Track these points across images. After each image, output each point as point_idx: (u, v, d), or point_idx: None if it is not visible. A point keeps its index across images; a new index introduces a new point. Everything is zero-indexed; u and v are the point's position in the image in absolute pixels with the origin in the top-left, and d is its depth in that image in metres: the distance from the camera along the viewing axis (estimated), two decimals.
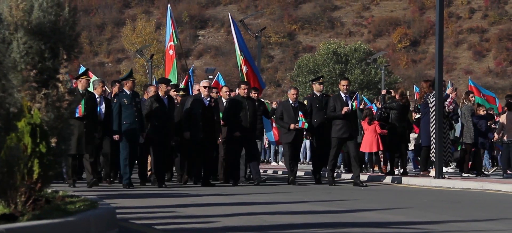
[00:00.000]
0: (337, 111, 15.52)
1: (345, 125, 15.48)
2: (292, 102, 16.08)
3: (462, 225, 8.62)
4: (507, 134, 17.85)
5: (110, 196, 11.75)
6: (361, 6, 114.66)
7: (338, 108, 15.53)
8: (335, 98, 15.90)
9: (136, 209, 10.03)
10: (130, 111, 14.77)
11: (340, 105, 15.52)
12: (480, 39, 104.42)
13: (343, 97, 15.71)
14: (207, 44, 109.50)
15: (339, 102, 15.61)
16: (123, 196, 12.32)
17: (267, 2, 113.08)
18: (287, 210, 10.18)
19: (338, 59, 75.18)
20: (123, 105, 14.77)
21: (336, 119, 15.54)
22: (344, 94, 15.76)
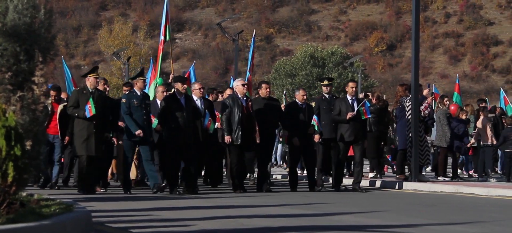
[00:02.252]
0: (342, 115, 15.00)
1: (351, 128, 14.92)
2: (300, 104, 15.22)
3: (437, 228, 8.67)
4: (482, 139, 17.97)
5: (86, 199, 11.68)
6: (338, 10, 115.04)
7: (343, 111, 15.00)
8: (340, 101, 15.34)
9: (112, 212, 9.98)
10: (139, 113, 13.86)
11: (345, 109, 14.98)
12: (455, 44, 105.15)
13: (349, 100, 15.16)
14: (184, 47, 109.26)
15: (344, 105, 15.06)
16: (99, 199, 12.26)
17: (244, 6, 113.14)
18: (264, 214, 10.18)
19: (315, 63, 75.34)
20: (132, 107, 13.83)
21: (341, 123, 15.05)
22: (351, 98, 15.20)
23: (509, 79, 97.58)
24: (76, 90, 14.20)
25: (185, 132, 13.68)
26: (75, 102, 13.50)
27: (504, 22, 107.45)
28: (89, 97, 13.31)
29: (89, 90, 13.49)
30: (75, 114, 13.50)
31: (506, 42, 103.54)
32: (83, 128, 13.38)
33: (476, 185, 15.28)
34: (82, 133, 13.40)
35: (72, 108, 13.55)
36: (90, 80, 13.58)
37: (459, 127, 17.96)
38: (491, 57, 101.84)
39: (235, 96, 14.50)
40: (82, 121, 13.39)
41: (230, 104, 14.31)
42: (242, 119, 14.19)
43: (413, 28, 16.62)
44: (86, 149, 13.33)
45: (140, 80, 14.13)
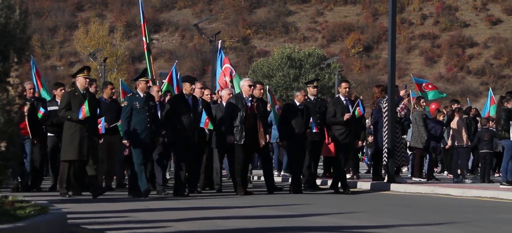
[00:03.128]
0: (337, 117, 14.61)
1: (347, 130, 14.59)
2: (299, 105, 14.81)
3: (412, 229, 8.71)
4: (456, 140, 18.09)
5: (62, 201, 11.62)
6: (315, 12, 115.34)
7: (338, 113, 14.60)
8: (335, 103, 14.91)
9: (87, 214, 9.92)
10: (143, 116, 13.09)
11: (340, 110, 14.60)
12: (431, 45, 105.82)
13: (343, 101, 14.80)
14: (161, 48, 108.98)
15: (340, 106, 14.67)
16: (75, 201, 12.19)
17: (221, 7, 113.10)
18: (241, 215, 10.18)
19: (292, 64, 75.52)
20: (134, 109, 13.10)
21: (337, 125, 14.70)
22: (344, 98, 14.85)
23: (484, 80, 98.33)
24: (68, 92, 13.42)
25: (191, 134, 13.34)
26: (67, 105, 12.81)
27: (479, 24, 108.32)
28: (81, 99, 12.68)
29: (81, 92, 12.90)
30: (67, 117, 12.79)
31: (482, 44, 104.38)
32: (76, 131, 12.71)
33: (452, 186, 15.38)
34: (74, 136, 12.72)
35: (64, 110, 12.83)
36: (79, 80, 12.96)
37: (436, 128, 18.06)
38: (467, 58, 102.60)
39: (240, 96, 14.15)
40: (74, 124, 12.71)
41: (234, 104, 14.01)
42: (245, 119, 13.86)
43: (389, 30, 16.68)
44: (79, 153, 12.69)
45: (142, 81, 13.38)
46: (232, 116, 13.88)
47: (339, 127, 14.60)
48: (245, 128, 13.83)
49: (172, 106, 13.47)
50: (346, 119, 14.45)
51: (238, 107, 13.89)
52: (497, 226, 9.10)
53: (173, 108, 13.39)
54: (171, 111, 13.39)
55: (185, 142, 13.29)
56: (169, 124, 13.44)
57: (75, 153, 12.68)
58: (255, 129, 13.95)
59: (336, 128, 14.67)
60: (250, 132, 13.89)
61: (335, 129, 14.69)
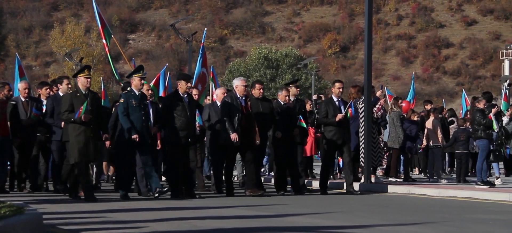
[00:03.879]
0: (329, 117, 14.45)
1: (339, 131, 14.44)
2: (283, 103, 14.63)
3: (388, 229, 8.74)
4: (432, 140, 18.19)
5: (38, 201, 11.53)
6: (292, 12, 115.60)
7: (330, 114, 14.44)
8: (327, 103, 14.72)
9: (63, 214, 9.86)
10: (138, 114, 12.74)
11: (332, 111, 14.44)
12: (407, 46, 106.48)
13: (335, 101, 14.61)
14: (138, 48, 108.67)
15: (332, 107, 14.51)
16: (52, 201, 12.11)
17: (198, 7, 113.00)
18: (217, 215, 10.16)
19: (269, 64, 75.58)
20: (130, 107, 12.72)
21: (328, 125, 14.52)
22: (337, 99, 14.66)
23: (460, 81, 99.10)
24: (70, 93, 12.79)
25: (188, 133, 13.07)
26: (70, 107, 12.33)
27: (454, 25, 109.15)
28: (83, 99, 12.24)
29: (82, 92, 12.43)
30: (71, 119, 12.29)
31: (457, 45, 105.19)
32: (80, 133, 12.27)
33: (428, 186, 15.45)
34: (79, 138, 12.27)
35: (67, 113, 12.34)
36: (81, 80, 12.48)
37: (411, 128, 18.15)
38: (443, 59, 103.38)
39: (234, 96, 13.84)
40: (78, 126, 12.26)
41: (231, 103, 13.73)
42: (241, 119, 13.65)
43: (366, 30, 16.73)
44: (85, 155, 12.28)
45: (136, 78, 12.94)
46: (231, 115, 13.61)
47: (330, 128, 14.47)
48: (241, 129, 13.60)
49: (168, 105, 13.13)
50: (338, 120, 14.29)
51: (235, 106, 13.66)
52: (472, 226, 9.16)
53: (169, 108, 13.08)
54: (167, 111, 13.08)
55: (182, 141, 13.00)
56: (165, 123, 13.13)
57: (81, 155, 12.25)
58: (250, 128, 13.71)
59: (328, 129, 14.54)
60: (245, 132, 13.66)
61: (327, 130, 14.56)
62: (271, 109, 14.45)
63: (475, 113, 15.82)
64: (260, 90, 14.34)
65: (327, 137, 14.59)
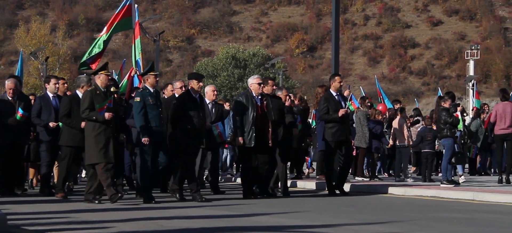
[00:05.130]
0: (330, 113, 13.80)
1: (341, 127, 13.83)
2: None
3: (355, 228, 8.79)
4: (398, 139, 18.30)
5: (2, 202, 11.41)
6: (260, 12, 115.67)
7: (331, 109, 13.80)
8: (327, 99, 14.01)
9: (29, 215, 9.76)
10: (156, 112, 12.20)
11: (333, 106, 13.79)
12: (374, 46, 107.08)
13: (335, 96, 13.98)
14: None
15: (332, 102, 13.86)
16: (17, 201, 11.98)
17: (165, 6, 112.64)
18: (185, 215, 10.13)
19: (236, 64, 75.57)
20: (148, 105, 12.16)
21: (330, 122, 13.89)
22: (336, 93, 14.03)
23: (426, 81, 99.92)
24: (89, 91, 12.24)
25: (200, 134, 12.56)
26: (90, 105, 11.88)
27: (421, 25, 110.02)
28: (103, 97, 11.87)
29: (102, 90, 12.02)
30: (93, 117, 11.85)
31: (423, 45, 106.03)
32: (100, 132, 11.83)
33: (394, 185, 15.55)
34: (99, 138, 11.82)
35: (88, 111, 11.88)
36: (101, 78, 12.08)
37: (376, 128, 18.26)
38: (409, 59, 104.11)
39: (250, 94, 13.09)
40: (98, 125, 11.83)
41: (244, 103, 13.02)
42: (256, 119, 12.92)
43: (333, 30, 16.82)
44: (105, 156, 11.79)
45: (151, 76, 12.45)
46: (242, 116, 12.94)
47: (332, 124, 13.88)
48: (256, 129, 12.90)
49: (180, 105, 12.61)
50: (340, 115, 13.71)
51: (247, 107, 12.96)
52: (437, 224, 9.25)
53: (181, 108, 12.55)
54: (179, 111, 12.54)
55: (195, 143, 12.51)
56: (178, 124, 12.57)
57: (101, 156, 11.78)
58: (265, 129, 13.02)
59: (329, 126, 13.95)
60: (260, 133, 12.96)
61: (328, 127, 13.98)
62: (281, 107, 13.79)
63: (441, 112, 15.94)
64: (273, 87, 13.73)
65: (329, 134, 13.96)
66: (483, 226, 9.12)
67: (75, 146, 12.78)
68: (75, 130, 12.71)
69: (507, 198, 12.65)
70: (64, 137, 12.97)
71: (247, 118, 12.88)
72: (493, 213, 10.81)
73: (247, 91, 13.25)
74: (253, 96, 13.04)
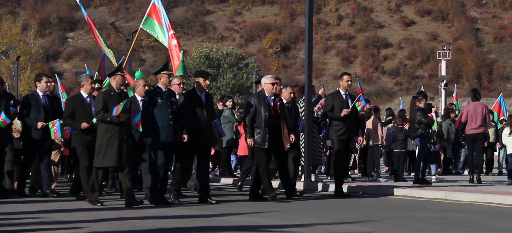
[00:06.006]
0: (335, 111, 13.65)
1: (346, 125, 13.62)
2: (286, 102, 13.71)
3: (328, 227, 8.83)
4: (372, 139, 18.39)
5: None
6: (233, 11, 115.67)
7: (336, 108, 13.66)
8: (333, 96, 13.86)
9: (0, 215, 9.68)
10: (164, 112, 11.84)
11: (339, 104, 13.64)
12: (347, 46, 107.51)
13: (342, 95, 13.77)
14: (77, 47, 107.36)
15: (338, 101, 13.68)
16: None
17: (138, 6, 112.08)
18: (159, 215, 10.09)
19: (210, 64, 75.49)
20: (156, 105, 11.83)
21: (334, 120, 13.72)
22: (344, 92, 13.80)
23: (399, 81, 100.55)
24: (103, 92, 11.86)
25: (205, 133, 12.23)
26: (104, 106, 11.47)
27: (393, 25, 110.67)
28: (118, 99, 11.46)
29: (116, 91, 11.64)
30: (107, 119, 11.43)
31: (396, 45, 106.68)
32: (114, 134, 11.42)
33: (367, 185, 15.62)
34: (112, 141, 11.41)
35: (102, 112, 11.47)
36: (117, 79, 11.69)
37: None
38: (382, 59, 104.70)
39: (262, 94, 12.67)
40: (111, 127, 11.42)
41: (255, 103, 12.58)
42: (268, 120, 12.46)
43: (306, 30, 16.83)
44: (117, 159, 11.39)
45: (164, 75, 12.11)
46: (253, 116, 12.53)
47: (336, 123, 13.70)
48: (269, 130, 12.47)
49: (185, 104, 12.22)
50: (343, 115, 13.51)
51: (259, 107, 12.55)
52: (409, 224, 9.32)
53: (186, 107, 12.18)
54: (184, 110, 12.17)
55: (199, 142, 12.13)
56: (182, 123, 12.14)
57: (114, 159, 11.39)
58: (278, 130, 12.58)
59: (333, 124, 13.80)
60: (273, 134, 12.51)
61: (333, 125, 13.81)
62: (290, 108, 13.51)
63: (416, 112, 16.04)
64: (280, 86, 13.30)
65: (335, 133, 13.75)
66: (454, 225, 9.21)
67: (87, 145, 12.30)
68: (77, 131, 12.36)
69: (478, 197, 12.78)
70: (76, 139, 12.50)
71: (260, 118, 12.49)
72: (464, 212, 10.91)
73: (260, 91, 12.85)
74: (266, 97, 12.64)
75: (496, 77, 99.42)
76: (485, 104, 17.50)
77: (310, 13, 16.63)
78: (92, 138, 12.09)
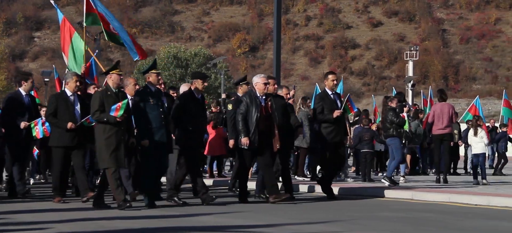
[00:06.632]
0: (325, 112, 13.20)
1: (336, 127, 13.21)
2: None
3: (296, 227, 8.85)
4: None
5: None
6: (201, 11, 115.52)
7: (326, 109, 13.20)
8: (322, 97, 13.43)
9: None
10: (156, 112, 11.51)
11: (328, 105, 13.20)
12: (315, 46, 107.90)
13: (330, 95, 13.35)
14: (43, 46, 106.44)
15: (328, 101, 13.25)
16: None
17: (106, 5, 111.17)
18: (126, 216, 10.02)
19: (178, 64, 75.31)
20: (147, 106, 11.49)
21: (325, 122, 13.28)
22: (331, 92, 13.39)
23: (366, 81, 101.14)
24: (99, 91, 11.58)
25: (201, 135, 12.09)
26: (101, 106, 11.13)
27: (361, 26, 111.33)
28: (115, 98, 11.15)
29: (113, 91, 11.30)
30: (104, 119, 11.07)
31: (363, 46, 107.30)
32: (111, 135, 11.08)
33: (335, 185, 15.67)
34: (110, 141, 11.06)
35: (98, 113, 11.12)
36: (113, 78, 11.34)
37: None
38: (349, 59, 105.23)
39: (253, 94, 12.40)
40: (109, 127, 11.08)
41: (247, 102, 12.31)
42: (259, 120, 12.20)
43: (275, 31, 16.88)
44: (116, 160, 11.06)
45: (153, 74, 11.74)
46: (245, 116, 12.22)
47: (327, 125, 13.26)
48: (259, 131, 12.17)
49: (181, 105, 11.99)
50: (335, 116, 13.12)
51: (251, 107, 12.27)
52: (377, 223, 9.37)
53: (183, 108, 11.94)
54: (181, 111, 11.92)
55: (196, 144, 11.98)
56: (178, 124, 11.92)
57: (112, 160, 11.05)
58: (269, 131, 12.30)
59: (324, 126, 13.34)
60: (263, 135, 12.25)
61: (323, 127, 13.35)
62: (285, 106, 13.22)
63: (388, 112, 16.13)
64: (274, 86, 13.02)
65: (325, 135, 13.34)
66: (420, 224, 9.27)
67: (65, 146, 12.06)
68: (62, 129, 12.02)
69: (444, 197, 12.89)
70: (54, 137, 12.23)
71: (250, 118, 12.21)
72: (430, 212, 11.00)
73: (251, 90, 12.60)
74: (257, 96, 12.35)
75: (462, 78, 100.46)
76: (451, 105, 17.64)
77: (278, 14, 16.68)
78: (75, 139, 11.89)
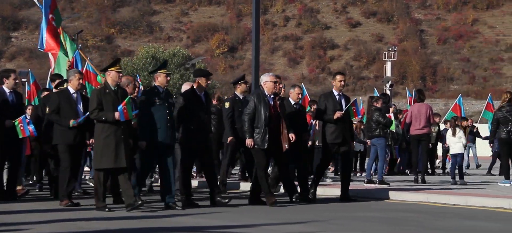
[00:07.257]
0: (328, 113, 12.95)
1: (338, 128, 12.91)
2: (294, 103, 13.36)
3: (273, 228, 8.88)
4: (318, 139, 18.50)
5: None
6: (180, 12, 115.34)
7: (329, 109, 12.96)
8: (326, 97, 13.15)
9: None
10: (162, 113, 11.27)
11: (332, 106, 12.95)
12: (294, 47, 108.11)
13: (336, 96, 13.07)
14: (21, 46, 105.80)
15: (332, 102, 12.98)
16: None
17: (84, 5, 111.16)
18: (104, 217, 10.01)
19: (157, 64, 75.04)
20: (153, 106, 11.29)
21: (327, 122, 13.05)
22: (338, 93, 13.12)
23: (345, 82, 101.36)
24: (97, 89, 11.40)
25: (206, 134, 11.87)
26: (98, 104, 10.89)
27: (339, 27, 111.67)
28: (113, 96, 10.92)
29: (112, 88, 11.02)
30: (102, 118, 10.85)
31: (342, 46, 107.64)
32: (110, 134, 10.83)
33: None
34: (108, 141, 10.82)
35: (96, 111, 10.87)
36: (112, 75, 11.06)
37: None
38: (328, 60, 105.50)
39: (262, 93, 12.11)
40: (107, 126, 10.85)
41: (255, 102, 12.05)
42: (268, 120, 11.93)
43: (253, 31, 16.91)
44: (115, 160, 10.81)
45: (161, 74, 11.54)
46: (252, 116, 11.99)
47: (330, 125, 13.00)
48: (269, 130, 11.93)
49: (184, 104, 11.78)
50: (336, 118, 12.84)
51: (259, 106, 12.01)
52: (354, 223, 9.43)
53: (185, 107, 11.75)
54: (184, 110, 11.74)
55: (199, 144, 11.71)
56: (182, 123, 11.76)
57: (111, 160, 10.83)
58: (278, 130, 12.05)
59: (327, 126, 13.07)
60: (273, 134, 11.98)
61: (327, 127, 13.10)
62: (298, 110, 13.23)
63: (373, 112, 16.20)
64: (280, 85, 12.81)
65: (326, 136, 13.08)
66: (398, 224, 9.34)
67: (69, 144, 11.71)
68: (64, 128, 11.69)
69: (422, 197, 12.98)
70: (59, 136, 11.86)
71: (260, 118, 11.97)
72: (408, 212, 11.07)
73: (259, 89, 12.36)
74: (266, 95, 12.09)
75: (440, 78, 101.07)
76: (429, 105, 17.76)
77: (256, 14, 16.71)
78: (77, 137, 11.66)
